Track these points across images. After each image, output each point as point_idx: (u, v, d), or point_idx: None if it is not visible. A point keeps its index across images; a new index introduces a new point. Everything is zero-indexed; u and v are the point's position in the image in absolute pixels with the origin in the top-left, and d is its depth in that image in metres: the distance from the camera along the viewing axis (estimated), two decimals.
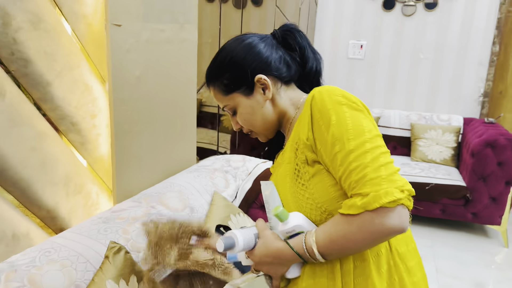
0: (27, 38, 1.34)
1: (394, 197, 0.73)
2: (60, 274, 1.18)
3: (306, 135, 0.86)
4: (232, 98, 0.97)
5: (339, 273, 0.85)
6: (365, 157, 0.77)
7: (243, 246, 0.87)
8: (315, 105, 0.84)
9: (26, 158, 1.39)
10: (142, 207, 1.56)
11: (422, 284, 0.90)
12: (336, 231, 0.79)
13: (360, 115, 0.82)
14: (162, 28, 1.77)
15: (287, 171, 0.91)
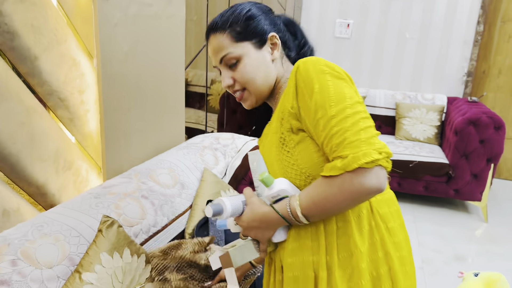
0: (13, 10, 1.31)
1: (372, 157, 0.76)
2: (53, 247, 1.18)
3: (291, 103, 0.88)
4: (242, 46, 0.96)
5: (323, 234, 0.88)
6: (346, 121, 0.80)
7: (231, 212, 0.89)
8: (300, 74, 0.86)
9: (15, 133, 1.37)
10: (132, 183, 1.57)
11: (404, 244, 0.94)
12: (318, 193, 0.83)
13: (343, 83, 0.84)
14: (149, 3, 1.75)
15: (274, 140, 0.94)
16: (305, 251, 0.90)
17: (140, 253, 1.30)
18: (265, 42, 0.98)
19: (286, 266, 0.92)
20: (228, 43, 0.96)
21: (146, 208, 1.50)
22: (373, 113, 3.75)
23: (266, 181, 0.86)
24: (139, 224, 1.44)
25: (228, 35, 0.96)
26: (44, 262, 1.14)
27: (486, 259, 2.64)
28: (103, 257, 1.19)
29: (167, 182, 1.67)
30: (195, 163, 1.87)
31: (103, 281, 1.16)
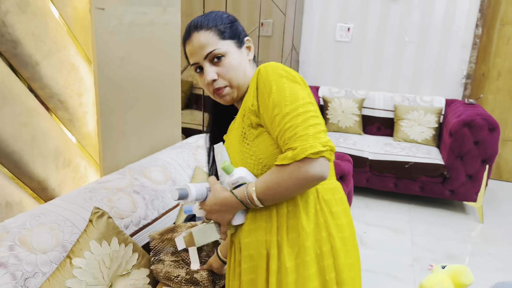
0: (15, 21, 1.44)
1: (317, 149, 0.89)
2: (48, 235, 1.31)
3: (251, 102, 1.00)
4: (226, 44, 1.05)
5: (275, 216, 1.00)
6: (297, 118, 0.92)
7: (195, 196, 1.00)
8: (260, 77, 0.98)
9: (17, 133, 1.50)
10: (126, 179, 1.69)
11: (347, 227, 1.05)
12: (271, 179, 0.95)
13: (297, 86, 0.97)
14: (145, 11, 1.87)
15: (236, 134, 1.07)
16: (260, 231, 1.01)
17: (128, 242, 1.41)
18: (243, 44, 1.10)
19: (243, 245, 1.04)
20: (215, 40, 1.04)
21: (137, 202, 1.62)
22: (372, 115, 3.82)
23: (226, 169, 0.98)
24: (130, 217, 1.56)
25: (215, 32, 1.05)
26: (39, 248, 1.26)
27: (479, 259, 2.69)
28: (92, 244, 1.31)
29: (159, 179, 1.78)
30: (188, 162, 1.98)
31: (91, 266, 1.28)
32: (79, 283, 1.24)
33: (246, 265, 1.03)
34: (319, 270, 0.99)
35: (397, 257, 2.64)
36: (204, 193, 1.02)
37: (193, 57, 1.07)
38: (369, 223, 3.06)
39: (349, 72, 4.11)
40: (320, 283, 0.99)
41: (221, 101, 1.10)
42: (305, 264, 0.97)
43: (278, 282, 0.98)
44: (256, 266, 1.02)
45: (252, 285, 1.04)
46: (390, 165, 3.26)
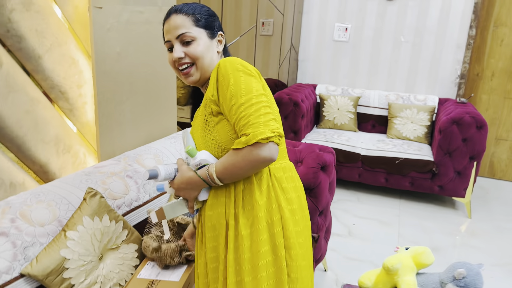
0: (20, 18, 1.59)
1: (266, 135, 1.03)
2: (46, 211, 1.45)
3: (211, 92, 1.14)
4: (199, 31, 1.18)
5: (233, 192, 1.15)
6: (251, 108, 1.06)
7: (164, 176, 1.15)
8: (220, 71, 1.12)
9: (21, 119, 1.66)
10: (120, 164, 1.83)
11: (296, 201, 1.19)
12: (228, 160, 1.09)
13: (252, 79, 1.10)
14: (141, 10, 2.02)
15: (200, 121, 1.21)
16: (220, 205, 1.16)
17: (119, 219, 1.56)
18: (214, 36, 1.23)
19: (207, 217, 1.18)
20: (189, 24, 1.17)
21: (129, 186, 1.76)
22: (367, 112, 3.93)
23: (190, 152, 1.13)
24: (122, 198, 1.70)
25: (191, 19, 1.18)
26: (37, 221, 1.41)
27: (463, 252, 2.79)
28: (85, 220, 1.46)
29: (151, 165, 1.92)
30: (180, 151, 2.12)
31: (84, 239, 1.43)
32: (72, 253, 1.38)
33: (210, 234, 1.18)
34: (270, 237, 1.13)
35: (383, 248, 2.75)
36: (172, 173, 1.17)
37: (167, 35, 1.20)
38: (359, 216, 3.17)
39: (346, 71, 4.22)
40: (271, 247, 1.13)
41: (186, 81, 1.22)
42: (258, 231, 1.11)
43: (235, 248, 1.13)
44: (217, 235, 1.17)
45: (215, 251, 1.18)
46: (381, 161, 3.37)
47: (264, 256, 1.12)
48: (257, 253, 1.12)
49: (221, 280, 1.17)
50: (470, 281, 1.36)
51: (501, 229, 3.09)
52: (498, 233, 3.04)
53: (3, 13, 1.54)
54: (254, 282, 1.12)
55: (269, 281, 1.13)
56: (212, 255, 1.19)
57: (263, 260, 1.12)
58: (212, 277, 1.20)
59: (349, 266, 2.55)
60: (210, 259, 1.19)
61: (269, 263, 1.13)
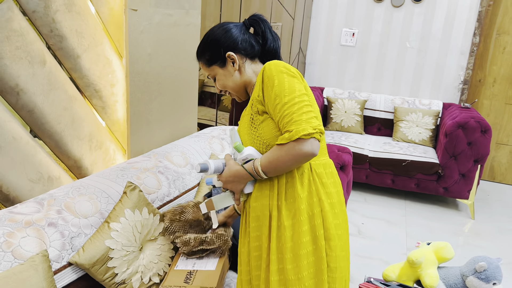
0: (62, 18, 1.66)
1: (308, 131, 1.11)
2: (88, 203, 1.52)
3: (257, 93, 1.23)
4: (212, 69, 1.34)
5: (276, 185, 1.23)
6: (294, 107, 1.14)
7: (214, 169, 1.24)
8: (265, 73, 1.21)
9: (60, 116, 1.72)
10: (151, 161, 1.90)
11: (335, 196, 1.27)
12: (272, 155, 1.17)
13: (295, 80, 1.19)
14: (170, 13, 2.09)
15: (246, 120, 1.30)
16: (264, 197, 1.25)
17: (156, 213, 1.63)
18: (225, 64, 1.33)
19: (252, 208, 1.27)
20: (205, 68, 1.35)
21: (161, 181, 1.84)
22: (373, 115, 4.03)
23: (238, 148, 1.23)
24: (156, 193, 1.78)
25: (202, 62, 1.35)
26: (81, 213, 1.48)
27: (467, 250, 2.89)
28: (127, 212, 1.53)
29: (179, 162, 2.00)
30: (204, 149, 2.20)
31: (126, 230, 1.50)
32: (115, 243, 1.46)
33: (254, 224, 1.27)
34: (311, 228, 1.21)
35: (392, 246, 2.85)
36: (221, 167, 1.26)
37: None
38: (367, 216, 3.27)
39: (352, 75, 4.33)
40: (311, 238, 1.21)
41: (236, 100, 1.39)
42: (300, 222, 1.20)
43: (278, 237, 1.22)
44: (261, 225, 1.25)
45: (258, 240, 1.27)
46: (388, 163, 3.47)
47: (305, 246, 1.21)
48: (298, 242, 1.20)
49: (263, 267, 1.25)
50: (491, 274, 1.46)
51: (503, 230, 3.21)
52: (500, 234, 3.15)
53: (48, 13, 1.61)
54: (296, 270, 1.20)
55: (309, 269, 1.21)
56: (255, 244, 1.27)
57: (304, 249, 1.20)
58: (255, 265, 1.29)
59: (359, 264, 2.64)
60: (254, 247, 1.27)
61: (310, 252, 1.21)
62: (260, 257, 1.28)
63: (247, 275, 1.33)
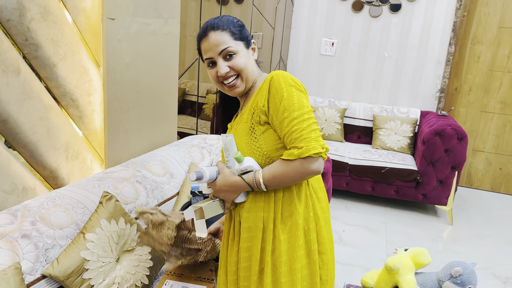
0: (38, 27, 1.64)
1: (318, 151, 1.12)
2: (64, 214, 1.50)
3: (262, 103, 1.20)
4: (238, 44, 1.24)
5: (273, 198, 1.22)
6: (303, 123, 1.14)
7: (208, 178, 1.22)
8: (273, 83, 1.18)
9: (35, 126, 1.70)
10: (129, 170, 1.89)
11: (327, 209, 1.29)
12: (278, 170, 1.16)
13: (302, 95, 1.19)
14: (148, 22, 2.09)
15: (244, 128, 1.25)
16: (258, 209, 1.23)
17: (133, 223, 1.61)
18: (250, 45, 1.30)
19: (243, 218, 1.25)
20: (229, 39, 1.22)
21: (139, 191, 1.82)
22: (353, 124, 4.08)
23: (239, 158, 1.19)
24: (133, 203, 1.76)
25: (228, 33, 1.23)
26: (56, 224, 1.46)
27: (446, 256, 2.93)
28: (103, 222, 1.51)
29: (158, 172, 1.99)
30: (184, 158, 2.19)
31: (102, 241, 1.48)
32: (91, 254, 1.43)
33: (245, 235, 1.25)
34: (306, 242, 1.22)
35: (373, 253, 2.87)
36: (214, 175, 1.23)
37: (208, 53, 1.24)
38: (348, 223, 3.29)
39: (332, 84, 4.38)
40: (306, 252, 1.22)
41: (231, 93, 1.28)
42: (296, 237, 1.21)
43: (273, 250, 1.21)
44: (253, 237, 1.24)
45: (248, 251, 1.25)
46: (368, 170, 3.51)
47: (299, 260, 1.21)
48: (293, 256, 1.21)
49: (254, 279, 1.24)
50: (466, 278, 1.48)
51: (480, 236, 3.26)
52: (478, 239, 3.21)
53: (22, 22, 1.59)
54: (290, 283, 1.21)
55: (303, 282, 1.22)
56: (245, 254, 1.25)
57: (299, 263, 1.21)
58: (243, 276, 1.27)
59: (340, 271, 2.65)
60: (243, 258, 1.26)
61: (304, 266, 1.22)
62: (249, 268, 1.26)
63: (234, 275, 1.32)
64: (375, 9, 4.10)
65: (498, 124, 4.05)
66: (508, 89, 3.97)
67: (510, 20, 3.84)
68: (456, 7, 3.88)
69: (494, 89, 4.00)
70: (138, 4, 2.01)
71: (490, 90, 4.01)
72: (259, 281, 1.23)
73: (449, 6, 3.91)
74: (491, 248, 3.08)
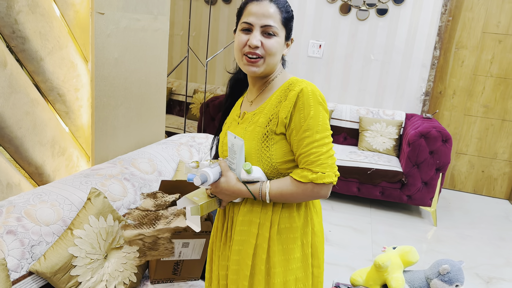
0: (26, 20, 1.61)
1: (331, 180, 1.12)
2: (50, 211, 1.47)
3: (285, 114, 1.14)
4: (281, 29, 1.15)
5: (271, 207, 1.20)
6: (323, 148, 1.12)
7: (213, 181, 1.18)
8: (302, 97, 1.12)
9: (21, 120, 1.66)
10: (117, 168, 1.86)
11: (321, 223, 1.29)
12: (287, 189, 1.15)
13: (326, 116, 1.15)
14: (138, 18, 2.07)
15: (257, 133, 1.18)
16: (254, 214, 1.21)
17: (121, 220, 1.59)
18: (288, 39, 1.23)
19: (238, 222, 1.23)
20: (278, 19, 1.14)
21: (127, 188, 1.79)
22: (339, 125, 4.11)
23: (249, 170, 1.15)
24: (121, 200, 1.73)
25: (281, 13, 1.15)
26: (42, 221, 1.42)
27: (430, 256, 2.97)
28: (91, 219, 1.48)
29: (146, 169, 1.96)
30: (172, 156, 2.17)
31: (90, 237, 1.45)
32: (79, 250, 1.41)
33: (238, 238, 1.23)
34: (303, 256, 1.22)
35: (358, 253, 2.89)
36: (218, 177, 1.20)
37: (252, 17, 1.14)
38: (334, 223, 3.31)
39: (320, 86, 4.40)
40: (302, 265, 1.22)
41: (246, 68, 1.19)
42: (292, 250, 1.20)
43: (267, 259, 1.20)
44: (244, 241, 1.22)
45: (239, 255, 1.23)
46: (354, 171, 3.53)
47: (294, 272, 1.21)
48: (288, 268, 1.20)
49: (245, 284, 1.21)
50: (454, 276, 1.50)
51: (464, 236, 3.32)
52: (462, 239, 3.26)
53: (10, 14, 1.55)
54: None
55: None
56: (235, 257, 1.23)
57: (292, 275, 1.21)
58: (232, 278, 1.25)
59: (327, 270, 2.65)
60: (233, 260, 1.24)
61: (299, 279, 1.22)
62: (238, 272, 1.24)
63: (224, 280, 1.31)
64: (362, 13, 4.14)
65: (481, 127, 4.13)
66: (491, 93, 4.05)
67: (493, 25, 3.93)
68: (441, 12, 3.95)
69: (477, 93, 4.08)
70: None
71: (474, 94, 4.09)
72: (249, 286, 1.21)
73: (435, 10, 3.97)
74: (474, 249, 3.13)
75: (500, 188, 4.19)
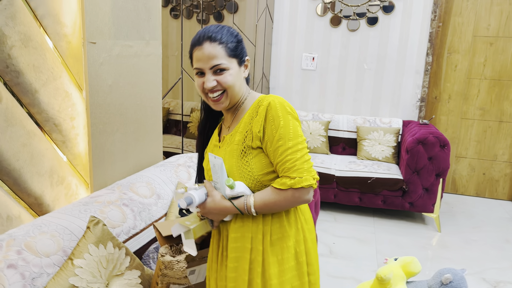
0: (19, 54, 1.64)
1: (309, 183, 1.15)
2: (50, 241, 1.47)
3: (258, 128, 1.19)
4: (231, 61, 1.20)
5: (261, 220, 1.23)
6: (297, 153, 1.15)
7: (198, 202, 1.21)
8: (271, 110, 1.18)
9: (18, 152, 1.68)
10: (115, 193, 1.87)
11: (313, 230, 1.31)
12: (269, 198, 1.18)
13: (297, 123, 1.19)
14: (130, 44, 2.10)
15: (235, 151, 1.23)
16: (246, 229, 1.23)
17: (121, 246, 1.59)
18: (243, 63, 1.27)
19: (231, 239, 1.25)
20: (223, 55, 1.19)
21: (126, 214, 1.80)
22: (337, 136, 4.12)
23: (232, 185, 1.18)
24: (121, 227, 1.74)
25: (224, 49, 1.19)
26: (43, 252, 1.43)
27: (436, 263, 2.96)
28: (91, 247, 1.49)
29: (145, 193, 1.97)
30: (170, 178, 2.18)
31: (91, 266, 1.45)
32: (80, 280, 1.41)
33: (232, 255, 1.24)
34: (297, 264, 1.24)
35: (363, 264, 2.87)
36: (203, 198, 1.23)
37: (199, 63, 1.21)
38: (337, 235, 3.30)
39: (315, 97, 4.43)
40: (297, 274, 1.24)
41: (214, 107, 1.26)
42: (286, 259, 1.22)
43: (262, 272, 1.21)
44: (240, 257, 1.24)
45: (235, 272, 1.25)
46: (354, 181, 3.54)
47: (290, 282, 1.23)
48: (284, 279, 1.22)
49: None
50: (456, 285, 1.49)
51: (468, 241, 3.30)
52: (467, 244, 3.24)
53: (3, 49, 1.58)
54: None
55: None
56: (232, 274, 1.25)
57: (289, 285, 1.22)
58: None
59: (332, 284, 2.65)
60: (230, 278, 1.25)
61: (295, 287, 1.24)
62: None
63: None
64: (353, 23, 4.19)
65: (479, 130, 4.14)
66: (486, 96, 4.07)
67: (483, 29, 3.97)
68: (431, 18, 3.99)
69: (472, 96, 4.10)
70: (119, 27, 2.02)
71: (469, 97, 4.11)
72: None
73: (424, 17, 4.02)
74: (479, 253, 3.11)
75: (502, 189, 4.18)
